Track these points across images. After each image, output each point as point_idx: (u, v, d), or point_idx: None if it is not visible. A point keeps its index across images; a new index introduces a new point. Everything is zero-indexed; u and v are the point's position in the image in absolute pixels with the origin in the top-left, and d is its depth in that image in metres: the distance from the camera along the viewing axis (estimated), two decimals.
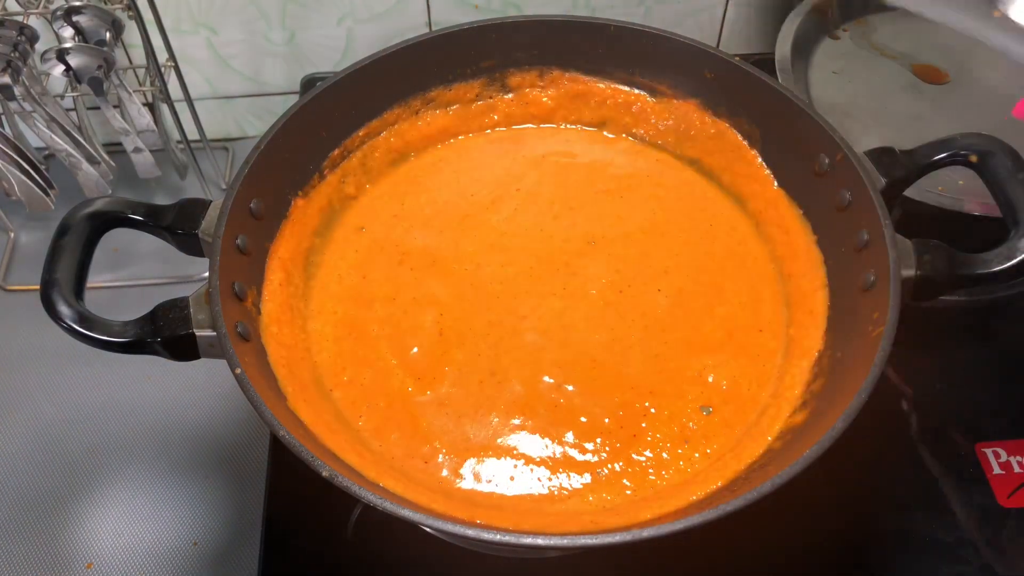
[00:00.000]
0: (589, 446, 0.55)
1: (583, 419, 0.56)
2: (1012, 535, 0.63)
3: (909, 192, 0.61)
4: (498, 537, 0.44)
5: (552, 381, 0.57)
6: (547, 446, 0.55)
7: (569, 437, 0.55)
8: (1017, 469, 0.66)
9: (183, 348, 0.51)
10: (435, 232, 0.66)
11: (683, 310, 0.61)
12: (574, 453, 0.55)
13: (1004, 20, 0.72)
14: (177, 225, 0.55)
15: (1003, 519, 0.64)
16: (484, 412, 0.56)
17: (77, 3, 0.68)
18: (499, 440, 0.55)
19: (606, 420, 0.56)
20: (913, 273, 0.53)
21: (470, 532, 0.44)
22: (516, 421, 0.56)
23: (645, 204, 0.67)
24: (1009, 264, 0.53)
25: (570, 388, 0.57)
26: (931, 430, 0.68)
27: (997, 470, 0.66)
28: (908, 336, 0.50)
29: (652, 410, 0.56)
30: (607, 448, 0.55)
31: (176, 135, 0.82)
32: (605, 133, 0.72)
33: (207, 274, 0.52)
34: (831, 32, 0.81)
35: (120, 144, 0.76)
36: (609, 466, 0.54)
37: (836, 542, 0.64)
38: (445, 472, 0.54)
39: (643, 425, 0.56)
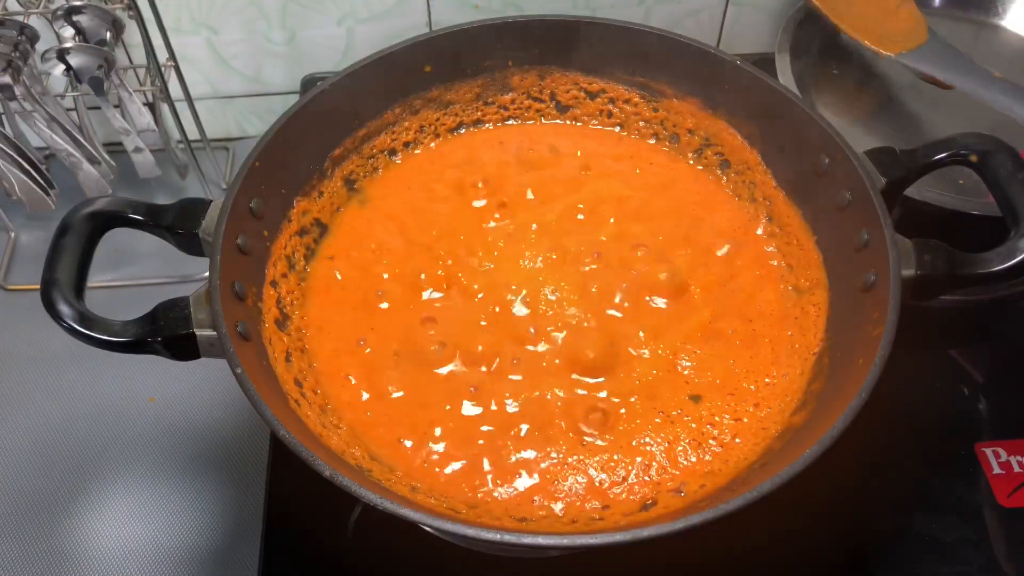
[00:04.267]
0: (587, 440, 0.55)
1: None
2: (1012, 535, 0.63)
3: (909, 192, 0.61)
4: (498, 537, 0.44)
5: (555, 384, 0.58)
6: (549, 445, 0.55)
7: (565, 433, 0.55)
8: (1017, 469, 0.66)
9: (184, 348, 0.51)
10: (436, 232, 0.66)
11: (682, 307, 0.61)
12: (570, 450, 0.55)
13: (1005, 82, 0.74)
14: (177, 225, 0.55)
15: (1003, 519, 0.64)
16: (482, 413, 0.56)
17: (77, 3, 0.68)
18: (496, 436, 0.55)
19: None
20: (913, 273, 0.53)
21: (470, 532, 0.44)
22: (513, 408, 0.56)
23: (644, 203, 0.67)
24: (1009, 263, 0.53)
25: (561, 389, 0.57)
26: (931, 430, 0.68)
27: (997, 470, 0.66)
28: (908, 336, 0.50)
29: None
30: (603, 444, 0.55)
31: (176, 135, 0.82)
32: (605, 131, 0.72)
33: (207, 274, 0.52)
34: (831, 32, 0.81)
35: (120, 144, 0.76)
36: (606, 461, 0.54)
37: (836, 542, 0.64)
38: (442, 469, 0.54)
39: (637, 421, 0.56)
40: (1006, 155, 0.56)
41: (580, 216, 0.66)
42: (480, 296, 0.62)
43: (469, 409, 0.56)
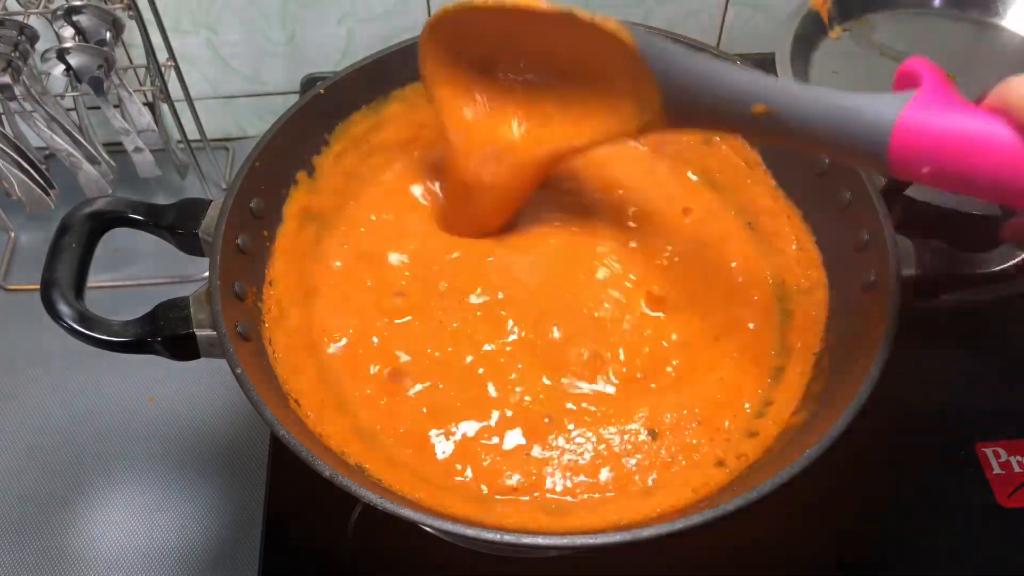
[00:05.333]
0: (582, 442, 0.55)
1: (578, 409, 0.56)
2: (1012, 535, 0.63)
3: (909, 192, 0.61)
4: (498, 537, 0.44)
5: (549, 381, 0.58)
6: (548, 439, 0.55)
7: (565, 433, 0.55)
8: (1017, 469, 0.66)
9: (183, 348, 0.51)
10: (433, 232, 0.66)
11: (681, 305, 0.61)
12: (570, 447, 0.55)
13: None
14: (177, 225, 0.55)
15: (1003, 519, 0.64)
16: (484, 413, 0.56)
17: (77, 3, 0.68)
18: (501, 436, 0.55)
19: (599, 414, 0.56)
20: (913, 273, 0.53)
21: (470, 532, 0.44)
22: (509, 413, 0.56)
23: (645, 202, 0.67)
24: (1009, 264, 0.53)
25: (565, 381, 0.57)
26: (931, 430, 0.68)
27: (997, 470, 0.66)
28: (908, 336, 0.50)
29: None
30: (603, 446, 0.55)
31: (176, 135, 0.82)
32: None
33: (207, 274, 0.52)
34: (830, 31, 0.81)
35: (120, 144, 0.76)
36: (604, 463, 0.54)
37: (836, 542, 0.64)
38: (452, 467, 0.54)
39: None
40: None
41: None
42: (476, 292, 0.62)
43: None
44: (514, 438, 0.55)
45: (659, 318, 0.60)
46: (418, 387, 0.57)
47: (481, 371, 0.57)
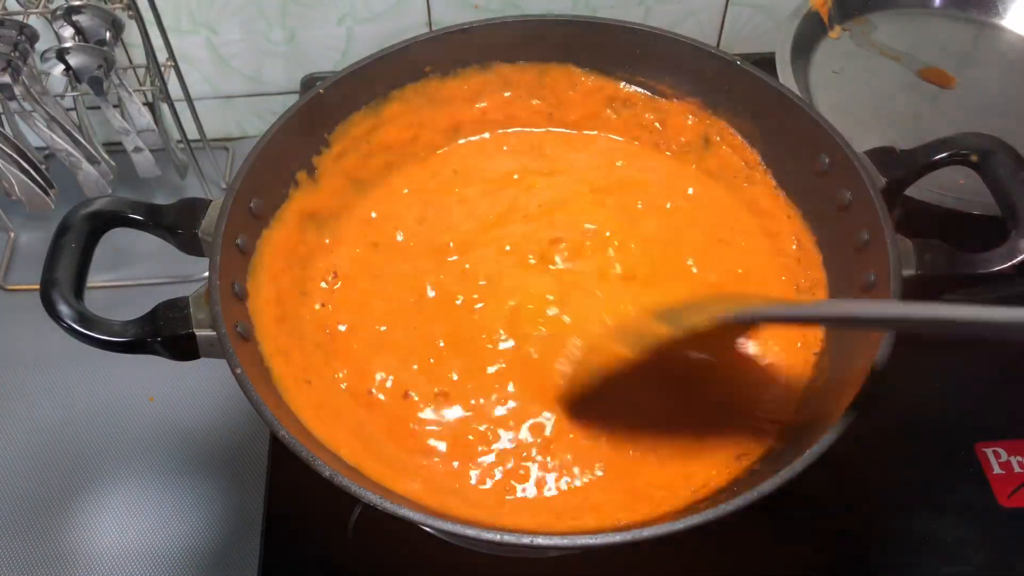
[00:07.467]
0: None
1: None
2: (1012, 535, 0.63)
3: (909, 192, 0.61)
4: (498, 537, 0.44)
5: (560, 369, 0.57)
6: (553, 434, 0.55)
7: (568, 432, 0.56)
8: (1017, 469, 0.66)
9: (183, 348, 0.51)
10: (432, 232, 0.66)
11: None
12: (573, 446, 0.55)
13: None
14: (177, 225, 0.55)
15: (1003, 519, 0.64)
16: (485, 412, 0.56)
17: (77, 3, 0.68)
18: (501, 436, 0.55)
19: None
20: (913, 273, 0.53)
21: (470, 532, 0.44)
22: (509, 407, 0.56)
23: (647, 203, 0.67)
24: (1010, 263, 0.53)
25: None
26: (931, 430, 0.68)
27: (997, 470, 0.66)
28: (908, 336, 0.50)
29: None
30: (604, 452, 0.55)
31: (176, 135, 0.82)
32: (605, 134, 0.72)
33: (207, 274, 0.52)
34: (830, 31, 0.81)
35: (120, 144, 0.76)
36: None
37: (836, 542, 0.64)
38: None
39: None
40: (1006, 155, 0.56)
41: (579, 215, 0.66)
42: (481, 305, 0.61)
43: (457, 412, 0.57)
44: (515, 431, 0.55)
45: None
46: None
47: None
